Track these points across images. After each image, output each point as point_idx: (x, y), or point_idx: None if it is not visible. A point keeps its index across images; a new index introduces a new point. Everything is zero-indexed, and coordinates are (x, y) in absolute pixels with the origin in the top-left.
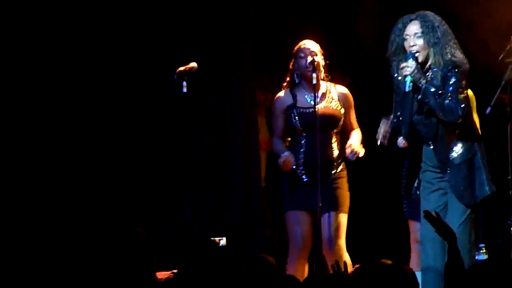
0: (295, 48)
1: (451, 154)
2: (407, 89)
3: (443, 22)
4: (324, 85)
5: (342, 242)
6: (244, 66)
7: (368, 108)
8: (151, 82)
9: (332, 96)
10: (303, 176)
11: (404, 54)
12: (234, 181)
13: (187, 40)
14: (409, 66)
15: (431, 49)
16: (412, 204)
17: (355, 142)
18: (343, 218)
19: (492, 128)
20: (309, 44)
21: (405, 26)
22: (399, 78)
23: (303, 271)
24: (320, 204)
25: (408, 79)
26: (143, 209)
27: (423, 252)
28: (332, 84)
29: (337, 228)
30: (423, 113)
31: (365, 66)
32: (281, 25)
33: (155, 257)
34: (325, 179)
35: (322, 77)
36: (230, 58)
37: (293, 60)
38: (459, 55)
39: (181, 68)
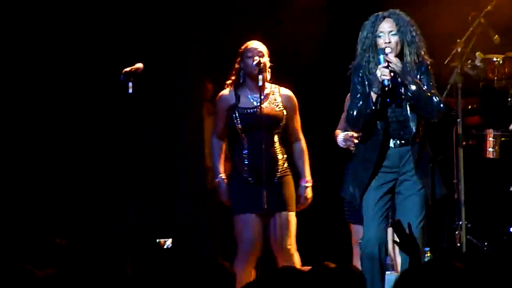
0: (242, 48)
1: (423, 154)
2: (386, 83)
3: (413, 21)
4: (269, 86)
5: (293, 241)
6: (191, 66)
7: (312, 110)
8: (97, 83)
9: (275, 97)
10: (249, 178)
11: (375, 51)
12: (180, 182)
13: (133, 40)
14: (393, 62)
15: (407, 48)
16: (353, 207)
17: (305, 191)
18: (292, 217)
19: (437, 132)
20: (257, 45)
21: (377, 24)
22: (378, 73)
23: (251, 274)
24: (265, 206)
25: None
26: (90, 209)
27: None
28: (277, 86)
29: (287, 228)
30: (397, 109)
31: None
32: (229, 25)
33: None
34: (270, 179)
35: (267, 79)
36: (177, 58)
37: (239, 59)
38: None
39: (127, 69)
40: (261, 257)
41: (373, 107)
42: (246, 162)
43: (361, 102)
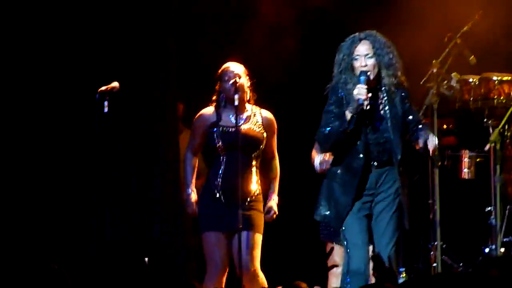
0: (220, 71)
1: (401, 176)
2: (360, 101)
3: (390, 42)
4: (250, 108)
5: (257, 262)
6: (168, 85)
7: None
8: (73, 102)
9: (256, 119)
10: (221, 197)
11: (351, 73)
12: (156, 199)
13: (109, 59)
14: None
15: (385, 70)
16: (329, 227)
17: (273, 203)
18: (258, 239)
19: (413, 152)
20: (233, 67)
21: (353, 46)
22: (355, 91)
23: None
24: (241, 226)
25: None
26: (67, 227)
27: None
28: (258, 108)
29: (253, 248)
30: (377, 132)
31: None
32: (207, 44)
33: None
34: (242, 200)
35: (247, 99)
36: (155, 77)
37: (218, 82)
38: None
39: (103, 88)
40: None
41: (347, 126)
42: (220, 181)
43: (336, 122)
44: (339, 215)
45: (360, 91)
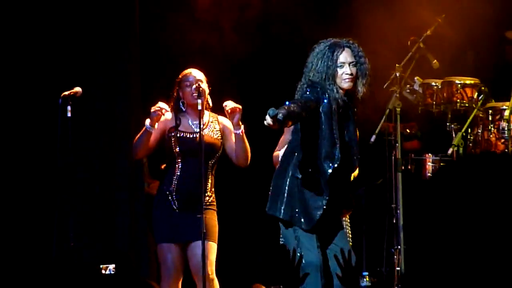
0: (180, 76)
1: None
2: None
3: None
4: (208, 114)
5: (212, 269)
6: (132, 92)
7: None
8: (35, 106)
9: (214, 125)
10: (175, 204)
11: (333, 81)
12: (119, 205)
13: (72, 64)
14: None
15: (360, 80)
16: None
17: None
18: (213, 246)
19: (376, 156)
20: (194, 72)
21: (337, 53)
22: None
23: None
24: (204, 231)
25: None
26: (29, 233)
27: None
28: (215, 115)
29: (208, 256)
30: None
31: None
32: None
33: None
34: (195, 207)
35: (206, 106)
36: (117, 83)
37: (177, 87)
38: None
39: (66, 93)
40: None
41: (304, 114)
42: (175, 187)
43: (300, 106)
44: (309, 221)
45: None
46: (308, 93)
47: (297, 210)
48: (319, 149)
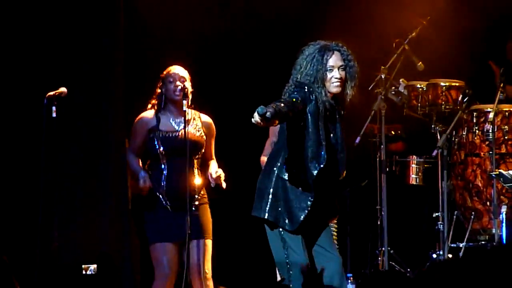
0: (164, 72)
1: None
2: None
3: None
4: (190, 112)
5: (208, 268)
6: (115, 93)
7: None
8: (20, 107)
9: (196, 123)
10: (166, 204)
11: (322, 84)
12: (103, 205)
13: (57, 64)
14: None
15: (349, 83)
16: None
17: (216, 168)
18: (209, 245)
19: (361, 158)
20: (179, 70)
21: (326, 57)
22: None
23: None
24: (189, 232)
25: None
26: (13, 233)
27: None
28: (197, 112)
29: (204, 255)
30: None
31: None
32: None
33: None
34: (189, 206)
35: (189, 104)
36: (101, 84)
37: (160, 84)
38: None
39: (51, 93)
40: (184, 280)
41: (290, 113)
42: (165, 188)
43: (287, 106)
44: (293, 221)
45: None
46: (295, 93)
47: (281, 210)
48: (305, 149)
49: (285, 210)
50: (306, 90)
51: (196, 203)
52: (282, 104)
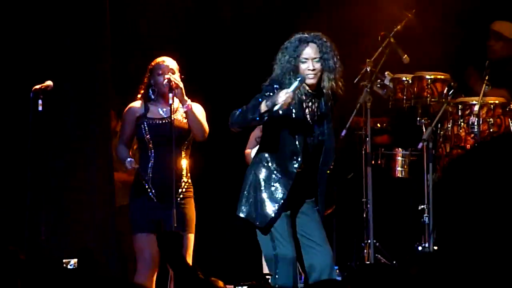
0: (153, 64)
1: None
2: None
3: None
4: (177, 101)
5: (189, 260)
6: (100, 86)
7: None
8: (6, 100)
9: (183, 110)
10: (153, 195)
11: (295, 75)
12: (90, 200)
13: (43, 57)
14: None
15: (326, 74)
16: None
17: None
18: (191, 238)
19: (347, 151)
20: (168, 62)
21: (300, 48)
22: (280, 95)
23: None
24: (175, 225)
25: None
26: None
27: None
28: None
29: (186, 248)
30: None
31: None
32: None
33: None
34: (174, 196)
35: (183, 94)
36: (87, 77)
37: (148, 74)
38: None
39: (37, 86)
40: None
41: (256, 117)
42: (151, 176)
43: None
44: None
45: (285, 98)
46: (264, 92)
47: (254, 207)
48: (284, 147)
49: (257, 207)
50: (274, 87)
51: (181, 195)
52: (242, 112)
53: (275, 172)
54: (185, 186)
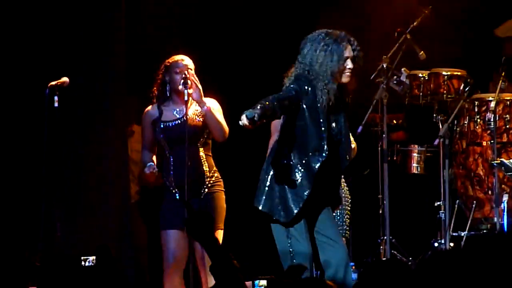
0: (169, 61)
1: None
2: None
3: None
4: (190, 99)
5: None
6: (117, 82)
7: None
8: (22, 97)
9: (195, 107)
10: (175, 193)
11: (331, 75)
12: (104, 196)
13: (59, 54)
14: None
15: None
16: None
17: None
18: (218, 235)
19: (363, 147)
20: (186, 61)
21: (342, 48)
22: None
23: (180, 286)
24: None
25: None
26: (15, 224)
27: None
28: None
29: None
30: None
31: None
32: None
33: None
34: (197, 194)
35: (200, 92)
36: (103, 74)
37: (163, 71)
38: None
39: (53, 83)
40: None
41: (279, 114)
42: (172, 177)
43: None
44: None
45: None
46: (291, 86)
47: (276, 202)
48: (307, 143)
49: (280, 202)
50: (303, 82)
51: (206, 190)
52: (270, 103)
53: (298, 167)
54: (211, 181)
